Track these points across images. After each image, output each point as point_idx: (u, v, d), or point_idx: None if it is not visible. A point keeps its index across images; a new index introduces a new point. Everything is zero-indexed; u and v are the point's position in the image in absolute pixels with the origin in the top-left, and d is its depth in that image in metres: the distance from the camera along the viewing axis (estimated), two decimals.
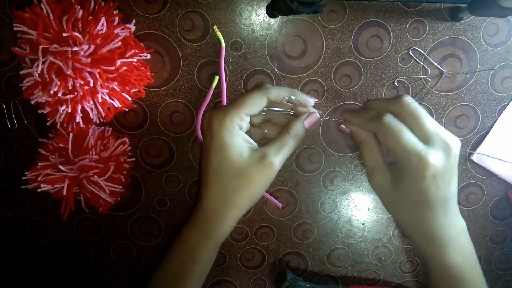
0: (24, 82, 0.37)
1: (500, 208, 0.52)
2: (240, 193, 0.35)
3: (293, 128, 0.36)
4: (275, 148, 0.35)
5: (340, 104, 0.46)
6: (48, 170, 0.40)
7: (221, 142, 0.34)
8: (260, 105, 0.35)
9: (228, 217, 0.36)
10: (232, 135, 0.34)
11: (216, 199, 0.36)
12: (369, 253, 0.53)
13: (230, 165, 0.34)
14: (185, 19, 0.41)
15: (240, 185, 0.34)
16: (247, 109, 0.35)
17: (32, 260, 0.51)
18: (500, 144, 0.48)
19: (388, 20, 0.43)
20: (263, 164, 0.34)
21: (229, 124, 0.34)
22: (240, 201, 0.35)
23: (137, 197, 0.48)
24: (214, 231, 0.37)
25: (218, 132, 0.34)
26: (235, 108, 0.34)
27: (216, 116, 0.34)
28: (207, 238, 0.37)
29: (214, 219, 0.36)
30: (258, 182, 0.35)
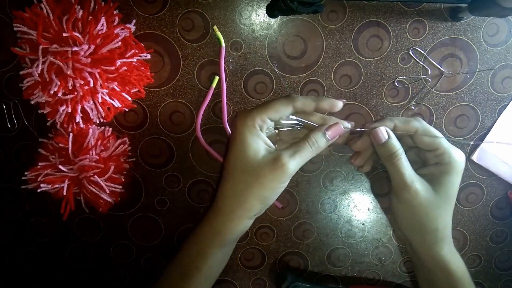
0: (24, 82, 0.37)
1: (500, 208, 0.52)
2: (249, 190, 0.35)
3: (311, 135, 0.37)
4: (290, 152, 0.35)
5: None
6: (48, 170, 0.40)
7: (240, 139, 0.35)
8: (284, 112, 0.36)
9: (236, 214, 0.36)
10: (251, 134, 0.35)
11: (227, 195, 0.37)
12: (369, 253, 0.53)
13: (245, 162, 0.35)
14: (185, 19, 0.41)
15: (250, 183, 0.35)
16: (270, 113, 0.36)
17: (32, 260, 0.51)
18: (500, 144, 0.48)
19: (388, 20, 0.43)
20: (275, 165, 0.34)
21: (250, 123, 0.35)
22: (249, 199, 0.35)
23: (137, 197, 0.48)
24: (221, 227, 0.37)
25: (239, 129, 0.35)
26: (259, 110, 0.36)
27: (241, 115, 0.36)
28: (215, 234, 0.37)
29: (222, 215, 0.37)
30: (269, 183, 0.35)
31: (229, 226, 0.37)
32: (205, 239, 0.38)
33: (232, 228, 0.37)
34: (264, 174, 0.35)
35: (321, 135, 0.37)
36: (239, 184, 0.36)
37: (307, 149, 0.36)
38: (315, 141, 0.36)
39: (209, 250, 0.38)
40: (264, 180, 0.35)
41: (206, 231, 0.38)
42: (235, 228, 0.37)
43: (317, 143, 0.36)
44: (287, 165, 0.34)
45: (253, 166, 0.35)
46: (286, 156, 0.35)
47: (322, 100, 0.37)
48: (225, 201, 0.37)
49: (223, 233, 0.37)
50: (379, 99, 0.46)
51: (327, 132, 0.37)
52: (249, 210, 0.36)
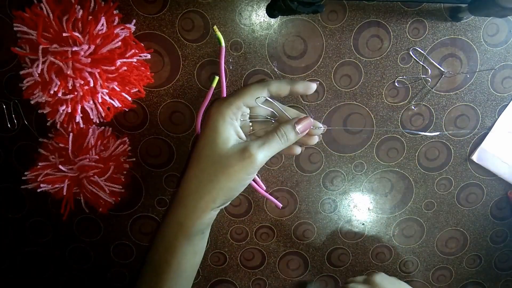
0: (24, 82, 0.37)
1: (500, 208, 0.52)
2: (215, 180, 0.34)
3: (281, 127, 0.36)
4: (259, 142, 0.35)
5: (340, 104, 0.46)
6: (48, 170, 0.40)
7: (212, 126, 0.35)
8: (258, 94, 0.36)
9: (199, 206, 0.35)
10: (224, 122, 0.34)
11: (191, 185, 0.35)
12: (369, 253, 0.53)
13: (212, 151, 0.34)
14: (185, 19, 0.41)
15: (216, 172, 0.34)
16: (245, 99, 0.35)
17: (32, 260, 0.51)
18: (500, 144, 0.48)
19: (388, 20, 0.43)
20: (243, 155, 0.34)
21: (225, 110, 0.34)
22: (213, 190, 0.34)
23: (137, 197, 0.48)
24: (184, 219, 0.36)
25: (213, 116, 0.35)
26: (235, 96, 0.35)
27: (215, 103, 0.35)
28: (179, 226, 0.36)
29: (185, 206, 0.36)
30: (235, 173, 0.34)
31: (192, 218, 0.36)
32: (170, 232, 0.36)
33: (195, 220, 0.36)
34: (231, 164, 0.34)
35: (290, 128, 0.36)
36: (204, 173, 0.34)
37: (276, 141, 0.35)
38: (284, 133, 0.36)
39: (176, 244, 0.36)
40: (230, 171, 0.34)
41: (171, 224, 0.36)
42: (198, 220, 0.36)
43: (286, 135, 0.36)
44: (255, 156, 0.34)
45: (221, 155, 0.34)
46: (254, 147, 0.34)
47: (296, 83, 0.36)
48: (188, 191, 0.35)
49: (187, 225, 0.36)
50: (379, 99, 0.46)
51: (297, 125, 0.36)
52: (213, 201, 0.35)
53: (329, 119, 0.46)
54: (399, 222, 0.52)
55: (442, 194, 0.51)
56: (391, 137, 0.48)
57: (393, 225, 0.52)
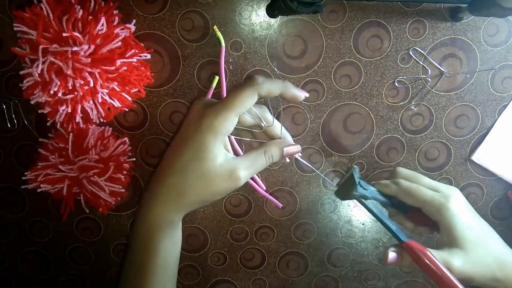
0: (24, 82, 0.37)
1: (500, 208, 0.52)
2: (198, 193, 0.35)
3: (271, 150, 0.36)
4: (247, 164, 0.35)
5: (340, 104, 0.46)
6: (48, 170, 0.40)
7: (202, 141, 0.34)
8: (250, 103, 0.35)
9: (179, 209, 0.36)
10: (215, 139, 0.34)
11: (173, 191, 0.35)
12: (369, 253, 0.53)
13: (200, 166, 0.34)
14: (185, 19, 0.41)
15: (201, 186, 0.34)
16: (237, 110, 0.34)
17: (32, 260, 0.51)
18: (500, 144, 0.48)
19: (388, 20, 0.43)
20: (231, 177, 0.34)
21: (217, 127, 0.34)
22: (193, 201, 0.35)
23: (137, 197, 0.48)
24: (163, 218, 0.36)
25: (204, 131, 0.34)
26: (227, 110, 0.34)
27: (208, 116, 0.34)
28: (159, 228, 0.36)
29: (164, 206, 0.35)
30: (218, 191, 0.35)
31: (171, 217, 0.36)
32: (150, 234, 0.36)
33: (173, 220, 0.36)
34: (217, 183, 0.34)
35: (278, 152, 0.36)
36: (187, 185, 0.34)
37: (263, 163, 0.36)
38: (271, 155, 0.36)
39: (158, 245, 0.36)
40: (215, 189, 0.34)
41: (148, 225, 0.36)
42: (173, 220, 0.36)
43: (273, 158, 0.36)
44: (242, 178, 0.34)
45: (207, 172, 0.34)
46: (241, 169, 0.34)
47: (287, 89, 0.36)
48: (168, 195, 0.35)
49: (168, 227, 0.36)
50: (379, 99, 0.46)
51: (286, 149, 0.36)
52: (189, 208, 0.36)
53: (329, 119, 0.46)
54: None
55: None
56: (391, 137, 0.48)
57: None
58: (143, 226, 0.36)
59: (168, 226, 0.36)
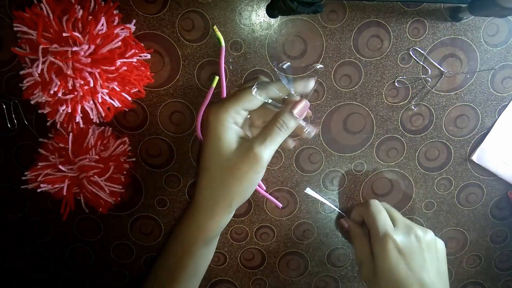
0: (24, 82, 0.37)
1: (500, 208, 0.52)
2: (227, 185, 0.35)
3: (279, 117, 0.35)
4: (261, 139, 0.34)
5: (340, 104, 0.46)
6: (48, 170, 0.40)
7: (214, 133, 0.34)
8: (258, 101, 0.35)
9: (216, 210, 0.36)
10: (225, 128, 0.34)
11: (205, 192, 0.36)
12: None
13: (219, 157, 0.34)
14: (185, 19, 0.41)
15: (227, 177, 0.34)
16: (243, 104, 0.35)
17: (32, 260, 0.51)
18: (500, 144, 0.48)
19: (388, 20, 0.43)
20: (248, 156, 0.34)
21: (223, 116, 0.34)
22: (227, 193, 0.35)
23: (137, 197, 0.48)
24: (203, 224, 0.37)
25: (213, 124, 0.35)
26: (232, 102, 0.34)
27: (213, 109, 0.35)
28: (198, 231, 0.37)
29: (203, 212, 0.36)
30: (245, 175, 0.34)
31: (210, 223, 0.36)
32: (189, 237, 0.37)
33: (214, 225, 0.37)
34: (239, 167, 0.34)
35: (288, 115, 0.35)
36: (215, 180, 0.35)
37: (277, 133, 0.35)
38: (283, 122, 0.35)
39: (194, 248, 0.37)
40: (239, 174, 0.34)
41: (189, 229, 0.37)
42: (217, 224, 0.37)
43: (286, 124, 0.35)
44: (260, 154, 0.34)
45: (227, 160, 0.34)
46: (257, 145, 0.34)
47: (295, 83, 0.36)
48: (203, 198, 0.36)
49: (206, 230, 0.37)
50: (379, 99, 0.46)
51: (294, 110, 0.35)
52: (228, 205, 0.36)
53: (329, 119, 0.46)
54: None
55: (442, 194, 0.51)
56: (391, 137, 0.48)
57: None
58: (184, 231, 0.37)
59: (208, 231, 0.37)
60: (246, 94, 0.35)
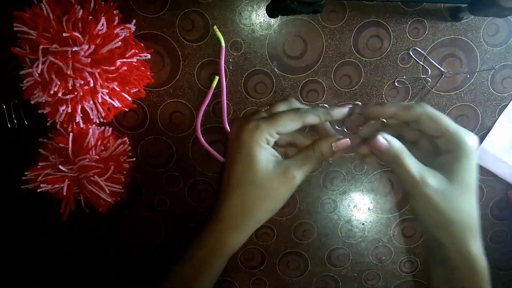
0: (24, 82, 0.37)
1: (500, 208, 0.52)
2: (260, 204, 0.35)
3: (319, 146, 0.36)
4: (298, 163, 0.35)
5: (340, 104, 0.46)
6: (48, 170, 0.40)
7: (249, 152, 0.34)
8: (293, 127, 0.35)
9: (246, 228, 0.36)
10: (260, 147, 0.34)
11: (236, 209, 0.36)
12: (369, 253, 0.53)
13: (254, 176, 0.34)
14: (185, 19, 0.41)
15: (261, 196, 0.35)
16: (279, 128, 0.35)
17: (32, 260, 0.51)
18: (500, 144, 0.48)
19: (388, 20, 0.43)
20: (286, 177, 0.34)
21: (259, 137, 0.34)
22: (259, 212, 0.35)
23: (137, 197, 0.48)
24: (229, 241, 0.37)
25: (248, 142, 0.34)
26: (268, 124, 0.34)
27: (248, 127, 0.34)
28: (222, 247, 0.37)
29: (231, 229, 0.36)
30: (279, 195, 0.35)
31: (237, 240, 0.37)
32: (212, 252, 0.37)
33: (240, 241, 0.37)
34: (274, 187, 0.34)
35: (328, 147, 0.36)
36: (248, 199, 0.35)
37: (314, 160, 0.36)
38: (321, 152, 0.36)
39: (215, 262, 0.37)
40: (274, 194, 0.35)
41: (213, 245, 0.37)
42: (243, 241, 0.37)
43: (323, 153, 0.36)
44: (296, 178, 0.34)
45: (263, 179, 0.34)
46: (294, 168, 0.34)
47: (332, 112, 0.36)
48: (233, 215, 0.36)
49: (231, 247, 0.37)
50: (379, 99, 0.46)
51: (335, 144, 0.36)
52: (258, 223, 0.36)
53: None
54: (399, 222, 0.52)
55: None
56: None
57: (393, 225, 0.52)
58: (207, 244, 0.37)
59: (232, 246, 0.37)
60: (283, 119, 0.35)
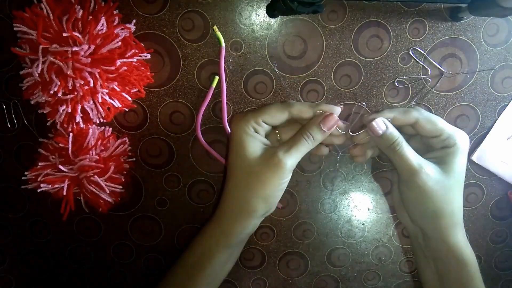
0: (24, 82, 0.37)
1: (500, 208, 0.52)
2: (251, 190, 0.35)
3: (307, 129, 0.36)
4: (286, 147, 0.36)
5: (340, 104, 0.46)
6: (48, 170, 0.40)
7: (237, 140, 0.36)
8: (280, 118, 0.36)
9: (241, 216, 0.37)
10: (247, 135, 0.36)
11: (231, 197, 0.37)
12: (369, 253, 0.53)
13: (243, 163, 0.35)
14: (185, 19, 0.41)
15: (251, 182, 0.35)
16: (265, 117, 0.36)
17: (32, 260, 0.51)
18: (500, 144, 0.48)
19: (388, 20, 0.43)
20: (272, 161, 0.35)
21: (244, 124, 0.36)
22: (252, 199, 0.36)
23: (137, 197, 0.48)
24: (227, 228, 0.37)
25: (235, 131, 0.36)
26: (253, 113, 0.36)
27: (235, 118, 0.37)
28: (221, 234, 0.38)
29: (228, 216, 0.37)
30: (269, 181, 0.35)
31: (235, 227, 0.37)
32: (211, 240, 0.38)
33: (238, 229, 0.37)
34: (263, 172, 0.35)
35: (316, 128, 0.36)
36: (240, 185, 0.36)
37: (303, 143, 0.36)
38: (309, 134, 0.36)
39: (215, 251, 0.38)
40: (263, 178, 0.35)
41: (212, 232, 0.38)
42: (241, 229, 0.38)
43: (313, 136, 0.36)
44: (283, 161, 0.34)
45: (251, 165, 0.35)
46: (281, 152, 0.35)
47: (319, 106, 0.37)
48: (229, 203, 0.37)
49: (229, 234, 0.38)
50: (379, 99, 0.46)
51: (322, 124, 0.36)
52: (253, 210, 0.36)
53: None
54: (399, 222, 0.52)
55: None
56: None
57: (393, 225, 0.52)
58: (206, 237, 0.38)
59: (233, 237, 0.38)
60: (268, 108, 0.36)
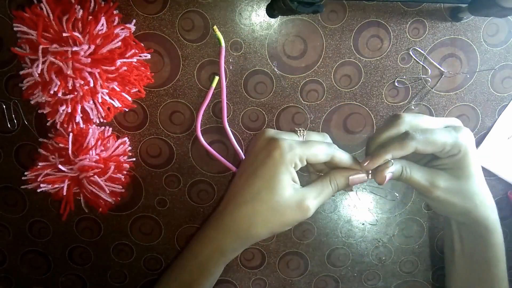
0: (24, 82, 0.37)
1: (500, 208, 0.51)
2: (268, 226, 0.35)
3: (336, 178, 0.36)
4: (315, 193, 0.35)
5: (340, 104, 0.46)
6: (48, 170, 0.40)
7: (274, 172, 0.34)
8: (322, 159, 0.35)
9: (246, 242, 0.36)
10: (287, 170, 0.34)
11: (242, 223, 0.35)
12: (369, 253, 0.53)
13: (271, 197, 0.34)
14: (185, 19, 0.41)
15: (272, 219, 0.35)
16: (310, 156, 0.35)
17: (32, 260, 0.51)
18: (500, 144, 0.48)
19: (388, 20, 0.43)
20: (300, 207, 0.34)
21: (290, 159, 0.34)
22: (265, 232, 0.35)
23: (137, 197, 0.48)
24: (230, 252, 0.37)
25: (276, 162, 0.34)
26: (303, 149, 0.34)
27: (282, 145, 0.34)
28: (221, 255, 0.37)
29: (233, 241, 0.36)
30: (291, 222, 0.35)
31: (237, 251, 0.37)
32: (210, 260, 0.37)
33: (238, 252, 0.38)
34: (287, 214, 0.34)
35: (344, 181, 0.36)
36: (257, 217, 0.35)
37: (329, 192, 0.36)
38: (337, 184, 0.36)
39: (214, 270, 0.37)
40: (284, 220, 0.34)
41: (212, 252, 0.37)
42: (240, 252, 0.38)
43: (338, 186, 0.36)
44: (311, 208, 0.34)
45: (278, 203, 0.34)
46: (310, 199, 0.34)
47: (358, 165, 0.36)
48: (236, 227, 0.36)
49: (230, 257, 0.37)
50: (379, 99, 0.46)
51: (351, 179, 0.36)
52: (259, 239, 0.36)
53: (329, 119, 0.46)
54: (399, 222, 0.52)
55: None
56: None
57: (393, 225, 0.52)
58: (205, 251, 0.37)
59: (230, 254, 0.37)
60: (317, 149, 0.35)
